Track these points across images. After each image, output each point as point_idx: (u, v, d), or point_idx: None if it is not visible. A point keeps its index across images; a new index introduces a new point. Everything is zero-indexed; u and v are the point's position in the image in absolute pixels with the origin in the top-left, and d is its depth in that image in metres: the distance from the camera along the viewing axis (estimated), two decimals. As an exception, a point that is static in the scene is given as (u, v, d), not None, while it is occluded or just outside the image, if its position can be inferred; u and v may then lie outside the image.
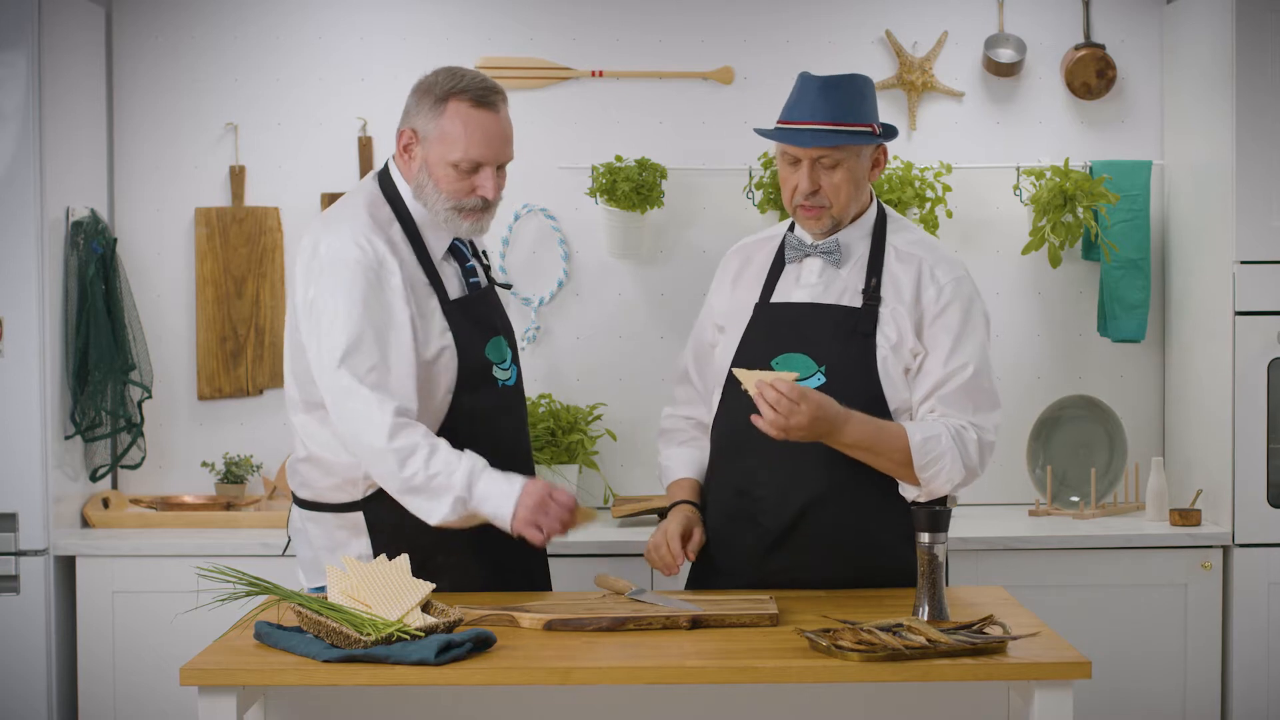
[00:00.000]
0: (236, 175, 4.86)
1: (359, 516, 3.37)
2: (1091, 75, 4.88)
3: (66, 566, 4.44)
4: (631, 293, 4.94)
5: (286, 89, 4.88)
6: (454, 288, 3.39)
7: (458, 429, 3.32)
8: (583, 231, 4.92)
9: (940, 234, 4.79)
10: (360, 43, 4.85)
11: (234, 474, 4.78)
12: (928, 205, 4.75)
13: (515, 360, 3.51)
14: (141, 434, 4.71)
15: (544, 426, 4.72)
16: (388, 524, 3.33)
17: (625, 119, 4.92)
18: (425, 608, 2.95)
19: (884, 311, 3.31)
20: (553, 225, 4.91)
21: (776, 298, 3.40)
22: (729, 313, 3.46)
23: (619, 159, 4.77)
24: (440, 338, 3.32)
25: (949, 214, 4.82)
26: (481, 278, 3.48)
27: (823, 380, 3.28)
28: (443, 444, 3.20)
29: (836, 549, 3.29)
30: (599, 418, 4.87)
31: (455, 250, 3.43)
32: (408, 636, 2.80)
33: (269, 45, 4.89)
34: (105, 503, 4.66)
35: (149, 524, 4.62)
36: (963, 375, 3.29)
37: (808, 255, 3.38)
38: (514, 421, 3.48)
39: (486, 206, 3.37)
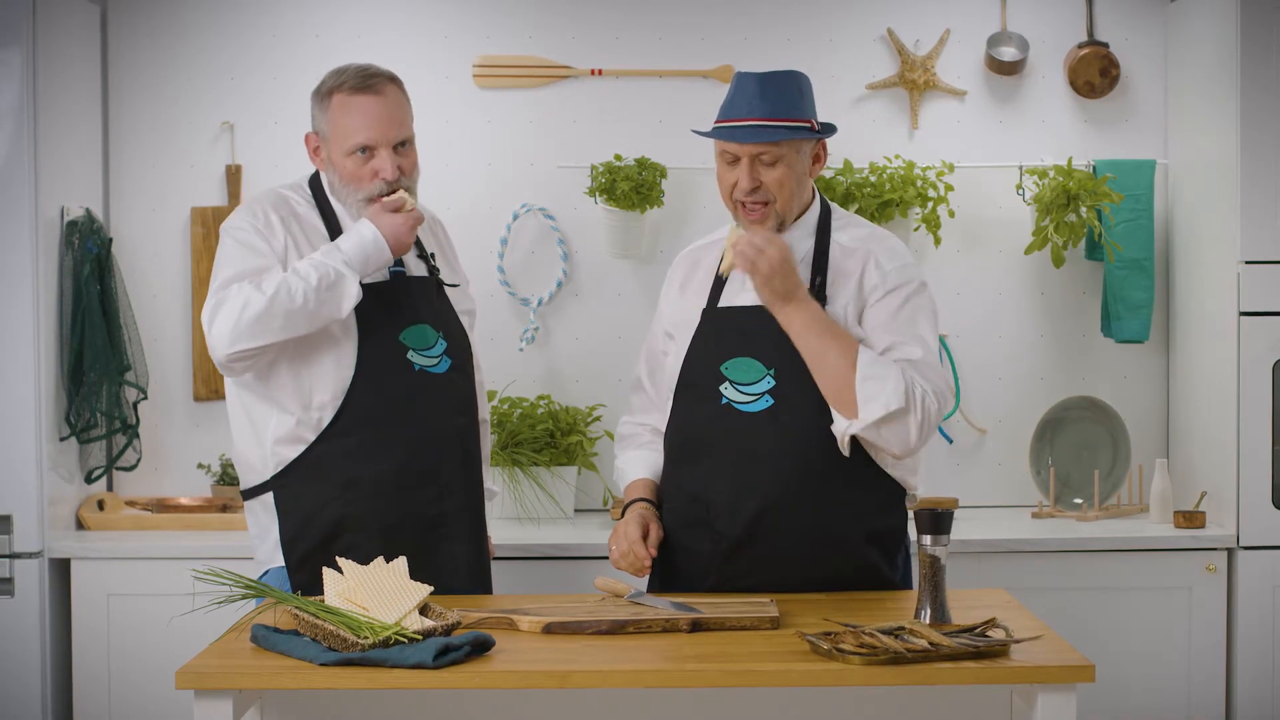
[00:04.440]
0: (233, 174, 4.84)
1: (270, 498, 3.46)
2: (1095, 74, 4.86)
3: (61, 569, 4.42)
4: (631, 293, 4.92)
5: (283, 87, 4.85)
6: (372, 274, 3.48)
7: (360, 404, 3.41)
8: (582, 231, 4.90)
9: (942, 234, 4.78)
10: (358, 41, 4.82)
11: (230, 476, 4.75)
12: (930, 205, 4.73)
13: (458, 354, 3.56)
14: (137, 435, 4.69)
15: (543, 428, 4.70)
16: (293, 506, 3.43)
17: (625, 118, 4.90)
18: (423, 610, 2.94)
19: (830, 310, 3.29)
20: (551, 225, 4.89)
21: (724, 302, 3.38)
22: (678, 320, 3.45)
23: (618, 158, 4.75)
24: None
25: (951, 214, 4.80)
26: (411, 269, 3.55)
27: (772, 384, 3.26)
28: (295, 264, 3.34)
29: (793, 554, 3.27)
30: (598, 419, 4.84)
31: None
32: (405, 640, 2.78)
33: (266, 43, 4.87)
34: (100, 505, 4.63)
35: (144, 526, 4.60)
36: (909, 352, 3.23)
37: None
38: (436, 408, 3.50)
39: (393, 192, 3.45)
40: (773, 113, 3.26)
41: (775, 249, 3.16)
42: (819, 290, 3.30)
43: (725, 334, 3.33)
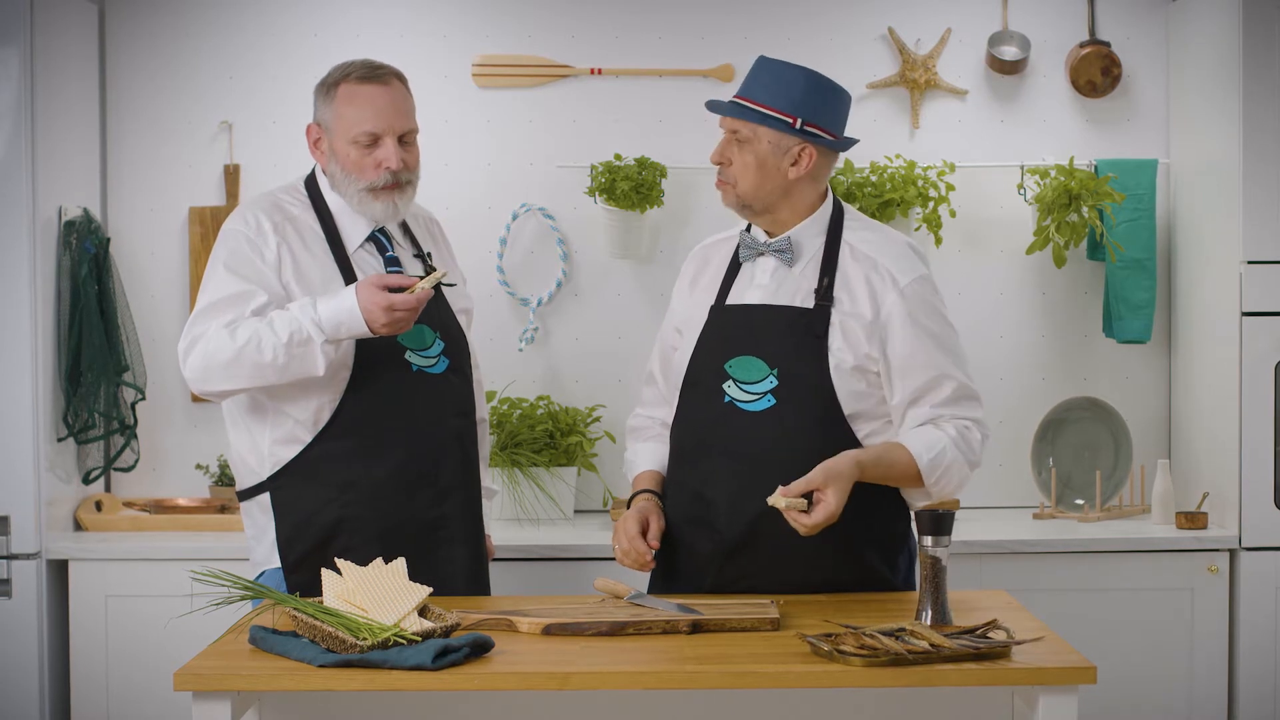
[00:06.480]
0: (231, 174, 4.83)
1: (266, 499, 3.45)
2: (1096, 73, 4.84)
3: (59, 570, 4.40)
4: (631, 293, 4.90)
5: (282, 87, 4.84)
6: (368, 274, 3.46)
7: (357, 405, 3.41)
8: (581, 231, 4.88)
9: (943, 234, 4.77)
10: (357, 40, 4.81)
11: (228, 476, 4.74)
12: (931, 204, 4.71)
13: (456, 355, 3.55)
14: (135, 436, 4.67)
15: (542, 429, 4.69)
16: (290, 508, 3.42)
17: (624, 117, 4.89)
18: (422, 612, 2.92)
19: (837, 313, 3.27)
20: (551, 225, 4.88)
21: (731, 299, 3.37)
22: (687, 316, 3.45)
23: (618, 158, 4.73)
24: None
25: (952, 213, 4.78)
26: (407, 269, 3.54)
27: (775, 383, 3.25)
28: (274, 313, 3.32)
29: (793, 555, 3.25)
30: (598, 419, 4.83)
31: (377, 241, 3.52)
32: (404, 641, 2.76)
33: (264, 43, 4.86)
34: (98, 506, 4.62)
35: (142, 527, 4.59)
36: (950, 382, 3.26)
37: (760, 254, 3.35)
38: (434, 409, 3.49)
39: (396, 183, 3.45)
40: (753, 96, 3.27)
41: (824, 518, 3.08)
42: (826, 291, 3.28)
43: (730, 331, 3.32)
